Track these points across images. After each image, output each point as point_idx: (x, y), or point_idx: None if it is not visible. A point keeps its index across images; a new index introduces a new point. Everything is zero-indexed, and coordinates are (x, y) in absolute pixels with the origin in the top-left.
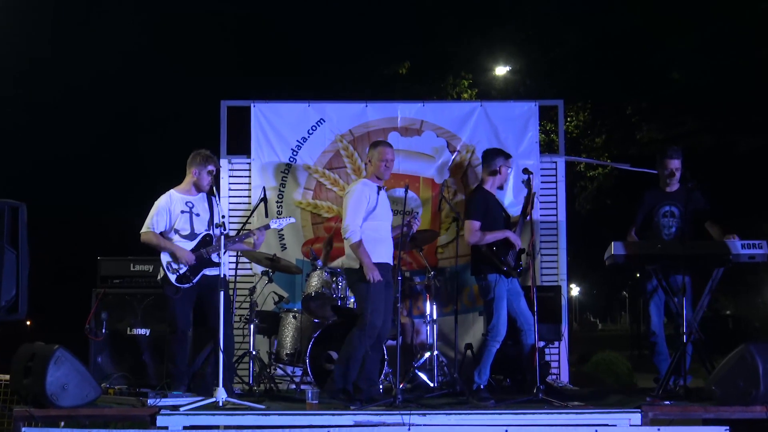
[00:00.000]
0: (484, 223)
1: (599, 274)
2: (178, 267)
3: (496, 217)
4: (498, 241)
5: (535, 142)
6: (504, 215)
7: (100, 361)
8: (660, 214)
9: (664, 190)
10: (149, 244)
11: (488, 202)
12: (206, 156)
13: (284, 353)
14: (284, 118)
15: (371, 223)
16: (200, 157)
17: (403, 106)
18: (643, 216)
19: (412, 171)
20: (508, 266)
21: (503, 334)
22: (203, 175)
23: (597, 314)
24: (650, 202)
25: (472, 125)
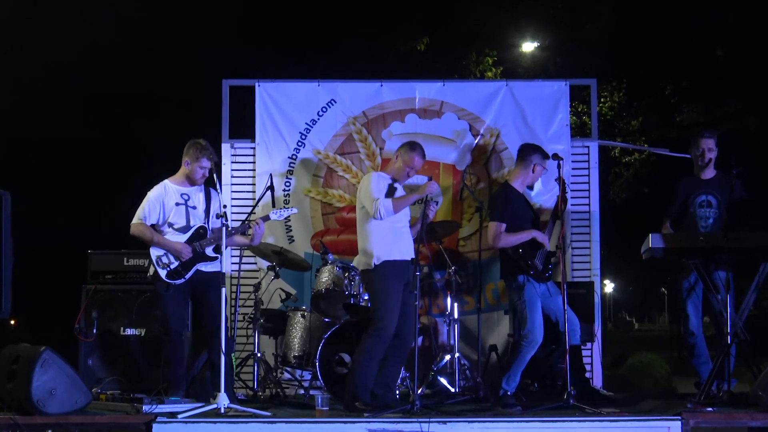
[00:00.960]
0: (510, 224)
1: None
2: (169, 262)
3: (523, 217)
4: (525, 243)
5: (566, 125)
6: (532, 215)
7: (90, 364)
8: (696, 203)
9: (699, 176)
10: (139, 238)
11: (514, 201)
12: (200, 148)
13: (292, 355)
14: (292, 99)
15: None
16: (194, 149)
17: (421, 86)
18: (678, 206)
19: (431, 156)
20: (536, 270)
21: (540, 340)
22: (195, 168)
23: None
24: (685, 191)
25: (497, 107)
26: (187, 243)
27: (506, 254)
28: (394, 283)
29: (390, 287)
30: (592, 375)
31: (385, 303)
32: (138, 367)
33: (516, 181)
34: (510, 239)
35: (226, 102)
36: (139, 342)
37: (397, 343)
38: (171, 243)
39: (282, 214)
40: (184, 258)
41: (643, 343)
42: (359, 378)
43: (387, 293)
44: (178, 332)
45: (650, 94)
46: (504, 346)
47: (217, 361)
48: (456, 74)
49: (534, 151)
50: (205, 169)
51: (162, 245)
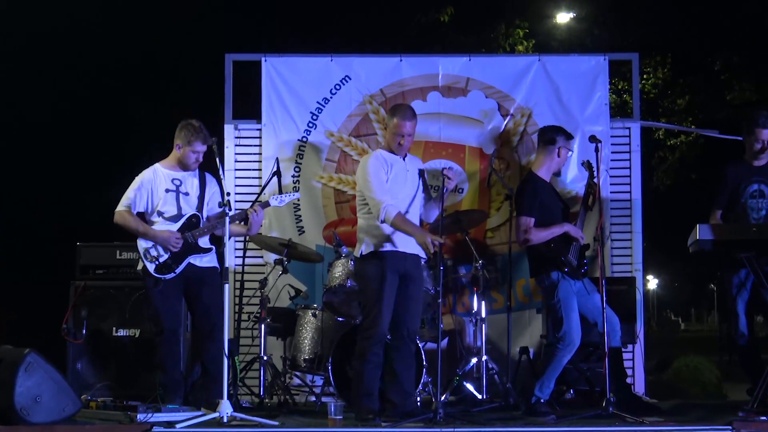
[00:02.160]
0: (539, 217)
1: (682, 264)
2: (158, 255)
3: (552, 209)
4: (557, 237)
5: (605, 104)
6: (562, 206)
7: (80, 368)
8: (747, 193)
9: (751, 163)
10: (123, 227)
11: (542, 192)
12: (193, 130)
13: (302, 358)
14: (302, 76)
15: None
16: (186, 131)
17: (445, 61)
18: (726, 196)
19: (456, 139)
20: (570, 266)
21: (577, 342)
22: (188, 153)
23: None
24: (735, 179)
25: (529, 84)
26: (179, 232)
27: (536, 250)
28: (387, 276)
29: (383, 280)
30: (634, 380)
31: (372, 298)
32: (132, 372)
33: (541, 169)
34: (541, 234)
35: (230, 78)
36: (133, 343)
37: (396, 342)
38: (158, 232)
39: (283, 200)
40: (172, 248)
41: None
42: (360, 385)
43: (378, 288)
44: (171, 330)
45: (698, 70)
46: (536, 348)
47: (211, 366)
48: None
49: (556, 132)
50: (199, 153)
51: (148, 236)
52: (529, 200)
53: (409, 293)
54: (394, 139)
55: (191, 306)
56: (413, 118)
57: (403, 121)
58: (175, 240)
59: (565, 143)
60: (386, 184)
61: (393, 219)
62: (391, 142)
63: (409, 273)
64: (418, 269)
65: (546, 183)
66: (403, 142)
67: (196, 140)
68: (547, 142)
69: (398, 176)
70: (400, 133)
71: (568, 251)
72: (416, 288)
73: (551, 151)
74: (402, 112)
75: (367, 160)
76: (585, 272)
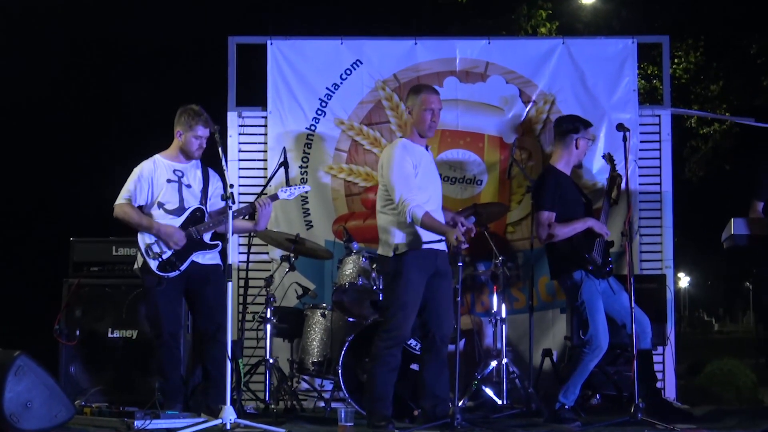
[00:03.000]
0: (560, 213)
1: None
2: (161, 251)
3: (573, 205)
4: (579, 234)
5: (633, 90)
6: (584, 201)
7: (73, 372)
8: None
9: None
10: (124, 221)
11: (562, 186)
12: (193, 114)
13: (310, 361)
14: (310, 60)
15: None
16: (186, 116)
17: (463, 44)
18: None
19: (474, 127)
20: (594, 264)
21: (604, 345)
22: (190, 139)
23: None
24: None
25: (552, 68)
26: (182, 228)
27: (556, 249)
28: (414, 277)
29: (409, 281)
30: (664, 385)
31: (399, 300)
32: (129, 376)
33: (559, 162)
34: (563, 230)
35: (233, 63)
36: (129, 346)
37: (427, 344)
38: (162, 226)
39: (293, 193)
40: (176, 246)
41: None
42: (373, 389)
43: (404, 288)
44: (172, 334)
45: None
46: (560, 350)
47: (213, 369)
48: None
49: (571, 122)
50: (202, 138)
51: (152, 230)
52: (550, 193)
53: (441, 292)
54: (423, 118)
55: (193, 306)
56: (438, 95)
57: (430, 95)
58: (179, 237)
59: (583, 133)
60: (414, 178)
61: (421, 220)
62: (420, 123)
63: (440, 271)
64: (448, 267)
65: (566, 177)
66: (435, 119)
67: (197, 124)
68: (563, 134)
69: (426, 168)
70: (430, 107)
71: (591, 248)
72: (447, 286)
73: (568, 142)
74: (427, 88)
75: (393, 151)
76: (610, 270)
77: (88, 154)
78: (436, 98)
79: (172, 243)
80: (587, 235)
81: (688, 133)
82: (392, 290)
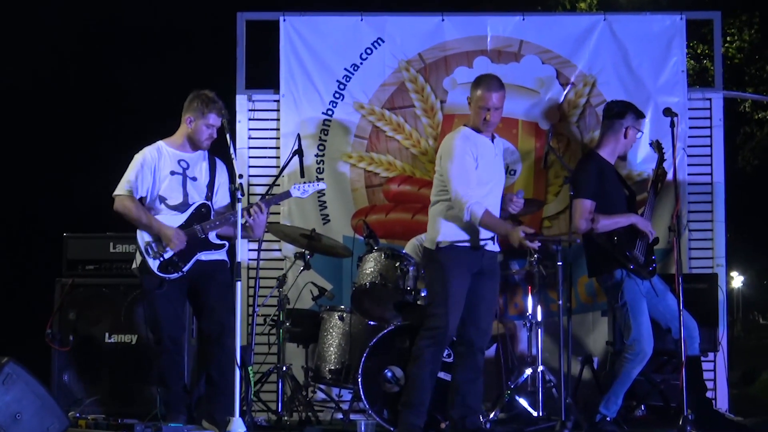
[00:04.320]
0: (600, 204)
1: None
2: (162, 250)
3: (614, 197)
4: (621, 229)
5: (681, 71)
6: (626, 194)
7: (67, 380)
8: None
9: None
10: (124, 215)
11: (605, 175)
12: (206, 100)
13: (327, 369)
14: (327, 38)
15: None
16: (198, 102)
17: (494, 21)
18: None
19: (507, 111)
20: (636, 263)
21: (649, 351)
22: (200, 128)
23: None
24: None
25: (592, 47)
26: (186, 225)
27: (595, 244)
28: (459, 272)
29: (453, 277)
30: (715, 394)
31: (441, 295)
32: (128, 385)
33: (604, 149)
34: (604, 222)
35: (242, 42)
36: (128, 352)
37: (461, 349)
38: (161, 225)
39: (306, 191)
40: (174, 247)
41: None
42: (411, 394)
43: (448, 284)
44: (173, 338)
45: None
46: (601, 357)
47: (217, 375)
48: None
49: (624, 109)
50: (213, 128)
51: (152, 227)
52: (591, 181)
53: (482, 293)
54: (479, 115)
55: (196, 307)
56: (501, 88)
57: (488, 92)
58: (177, 239)
59: (634, 122)
60: (475, 171)
61: (480, 219)
62: (475, 119)
63: (485, 270)
64: (495, 266)
65: (610, 166)
66: (489, 117)
67: (210, 111)
68: (612, 120)
69: (488, 161)
70: (486, 106)
71: (633, 245)
72: (490, 288)
73: (617, 130)
74: (487, 83)
75: (453, 141)
76: (653, 270)
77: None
78: (496, 95)
79: (171, 246)
80: (629, 231)
81: (741, 118)
82: (435, 284)
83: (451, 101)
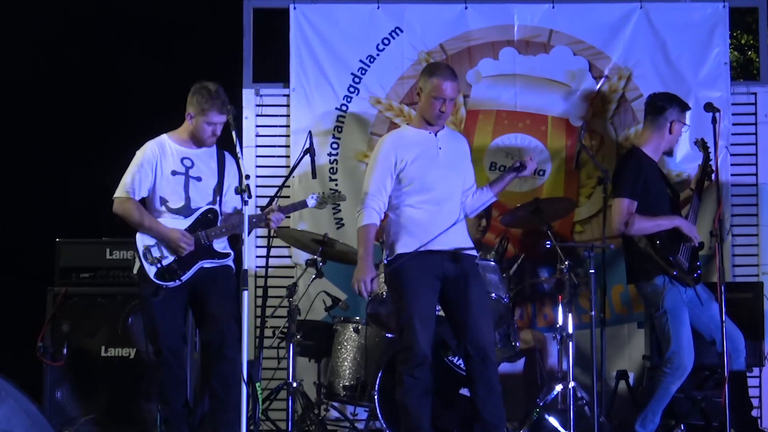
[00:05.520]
0: (642, 205)
1: None
2: (161, 256)
3: (657, 197)
4: (664, 232)
5: (724, 63)
6: (670, 194)
7: (59, 397)
8: None
9: None
10: (124, 218)
11: (647, 173)
12: (208, 96)
13: (341, 385)
14: (341, 28)
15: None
16: (198, 97)
17: (522, 9)
18: None
19: (535, 107)
20: (680, 269)
21: (689, 365)
22: (201, 125)
23: None
24: None
25: (628, 37)
26: (190, 231)
27: (636, 248)
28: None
29: (407, 289)
30: (761, 413)
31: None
32: (125, 402)
33: (647, 145)
34: (644, 224)
35: (249, 31)
36: (126, 366)
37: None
38: (165, 229)
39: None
40: (182, 252)
41: None
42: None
43: (404, 298)
44: (173, 349)
45: None
46: (638, 372)
47: (221, 390)
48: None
49: (668, 102)
50: (215, 125)
51: (153, 231)
52: (632, 179)
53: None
54: (431, 106)
55: (197, 316)
56: (455, 79)
57: (443, 80)
58: (185, 243)
59: (680, 116)
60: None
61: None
62: (429, 111)
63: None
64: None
65: (653, 164)
66: (445, 108)
67: (210, 109)
68: (656, 114)
69: (426, 155)
70: (445, 95)
71: (677, 250)
72: (474, 293)
73: (662, 125)
74: (444, 72)
75: (380, 142)
76: (698, 277)
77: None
78: (451, 86)
79: (180, 251)
80: (672, 235)
81: None
82: (395, 302)
83: (475, 96)
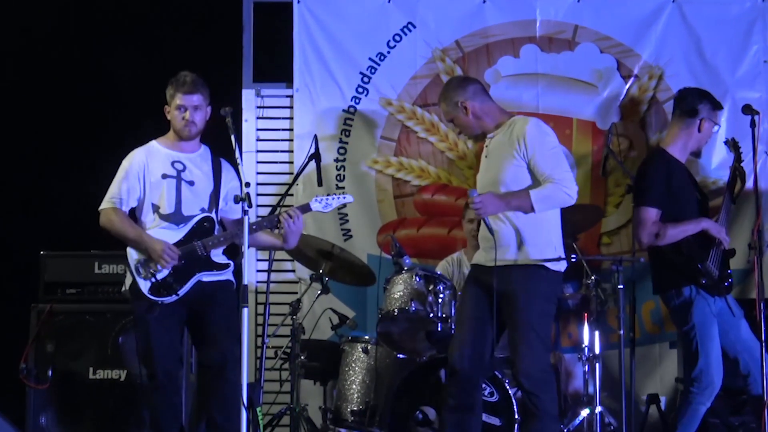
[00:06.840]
0: (668, 211)
1: None
2: (155, 269)
3: (683, 201)
4: (690, 238)
5: (764, 61)
6: (698, 197)
7: (44, 423)
8: None
9: None
10: (110, 230)
11: (673, 176)
12: (175, 81)
13: (348, 410)
14: (349, 23)
15: None
16: (169, 86)
17: (544, 3)
18: None
19: (559, 109)
20: (709, 277)
21: (718, 383)
22: (173, 114)
23: None
24: None
25: (659, 34)
26: (185, 241)
27: (661, 256)
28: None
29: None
30: None
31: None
32: (115, 428)
33: (674, 145)
34: (670, 232)
35: (250, 27)
36: (116, 390)
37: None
38: (149, 240)
39: (330, 204)
40: (164, 265)
41: None
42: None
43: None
44: (168, 372)
45: None
46: (670, 395)
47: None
48: None
49: (699, 98)
50: (187, 109)
51: (138, 242)
52: (656, 185)
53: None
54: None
55: (196, 335)
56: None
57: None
58: (168, 256)
59: (710, 114)
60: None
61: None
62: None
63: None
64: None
65: (680, 165)
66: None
67: (176, 91)
68: (685, 111)
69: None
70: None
71: (706, 256)
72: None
73: (691, 123)
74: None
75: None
76: (729, 286)
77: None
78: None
79: (161, 263)
80: (700, 240)
81: None
82: None
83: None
